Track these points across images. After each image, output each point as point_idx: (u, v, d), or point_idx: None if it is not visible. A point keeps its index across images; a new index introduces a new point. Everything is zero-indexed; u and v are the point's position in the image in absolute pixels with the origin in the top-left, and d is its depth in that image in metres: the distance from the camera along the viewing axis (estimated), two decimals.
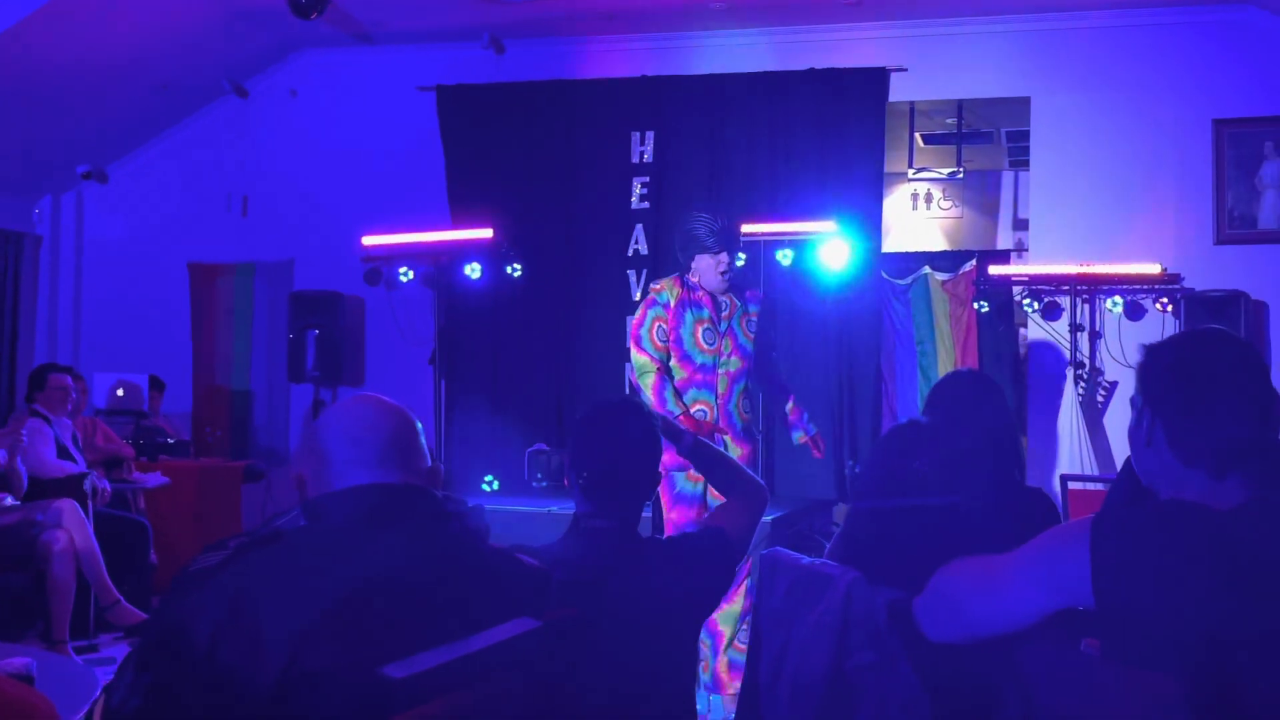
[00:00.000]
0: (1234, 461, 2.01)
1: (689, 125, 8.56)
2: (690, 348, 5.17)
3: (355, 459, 2.00)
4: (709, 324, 5.18)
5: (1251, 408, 2.02)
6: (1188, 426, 2.02)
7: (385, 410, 2.08)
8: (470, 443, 8.71)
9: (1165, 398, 2.06)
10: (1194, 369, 2.05)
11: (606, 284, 8.66)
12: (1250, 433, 2.01)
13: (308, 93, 9.38)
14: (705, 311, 5.19)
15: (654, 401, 5.06)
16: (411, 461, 2.05)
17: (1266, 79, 7.78)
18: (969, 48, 8.25)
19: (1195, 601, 1.92)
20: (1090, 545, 1.97)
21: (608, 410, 2.69)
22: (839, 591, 2.32)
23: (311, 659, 1.74)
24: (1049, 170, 8.20)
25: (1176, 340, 2.14)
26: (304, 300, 8.86)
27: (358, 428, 2.03)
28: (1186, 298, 7.60)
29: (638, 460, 2.63)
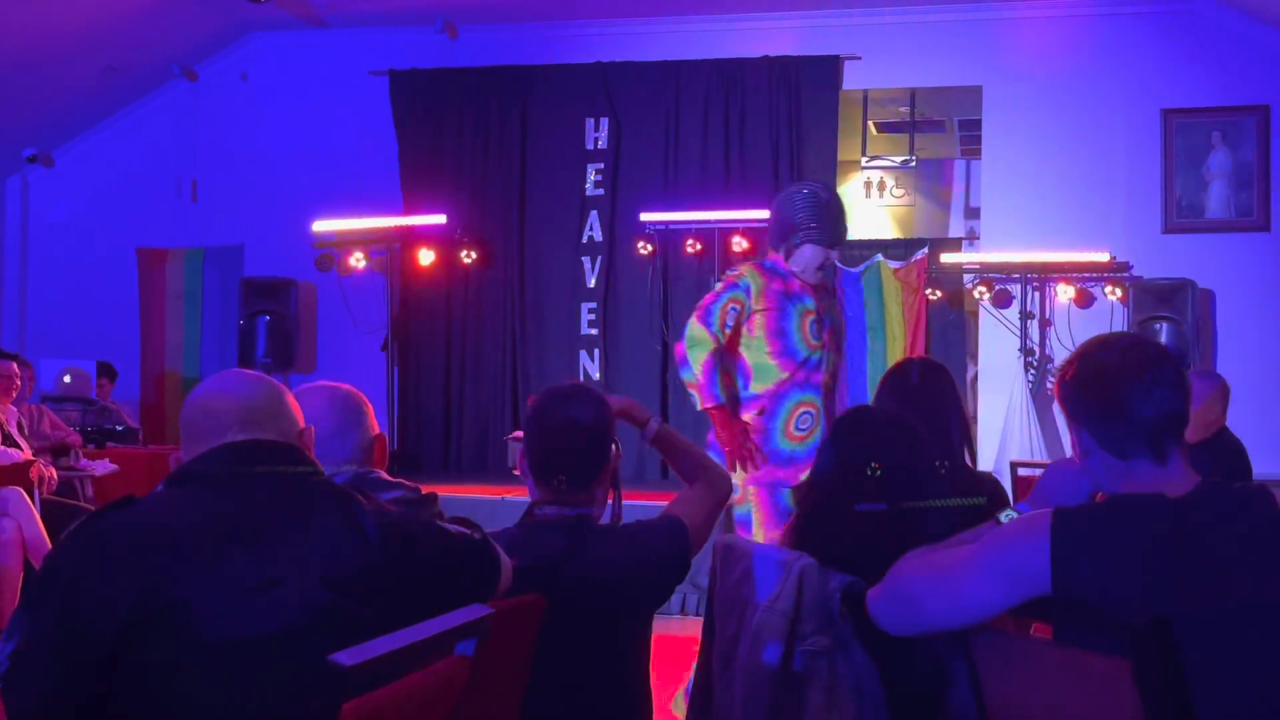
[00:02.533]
0: (1168, 443, 2.05)
1: (644, 112, 8.55)
2: (798, 343, 4.53)
3: (217, 425, 1.99)
4: (815, 316, 4.55)
5: (1159, 387, 2.07)
6: (1110, 424, 2.07)
7: (242, 380, 2.09)
8: (424, 429, 8.67)
9: (1082, 406, 2.12)
10: (1095, 373, 2.11)
11: (561, 270, 8.64)
12: (1168, 409, 2.06)
13: (259, 76, 9.28)
14: (810, 302, 4.55)
15: (701, 380, 4.53)
16: (278, 424, 2.04)
17: (1215, 70, 7.87)
18: (922, 37, 8.29)
19: (1149, 586, 1.94)
20: (1050, 537, 2.00)
21: (558, 396, 2.67)
22: (792, 576, 2.33)
23: (159, 594, 1.75)
24: (1000, 159, 8.26)
25: (1074, 356, 2.20)
26: (255, 286, 8.78)
27: (214, 398, 2.03)
28: (1135, 286, 7.68)
29: (588, 447, 2.62)
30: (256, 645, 1.77)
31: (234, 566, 1.80)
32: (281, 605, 1.80)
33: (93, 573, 1.77)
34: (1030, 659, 2.08)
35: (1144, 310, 7.52)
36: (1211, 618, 1.93)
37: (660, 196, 8.24)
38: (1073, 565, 1.98)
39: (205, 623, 1.75)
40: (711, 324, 4.47)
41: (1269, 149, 7.80)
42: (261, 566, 1.82)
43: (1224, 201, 7.89)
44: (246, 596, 1.78)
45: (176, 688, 1.75)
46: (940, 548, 2.21)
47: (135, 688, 1.74)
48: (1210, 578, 1.94)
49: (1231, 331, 7.82)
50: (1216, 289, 7.83)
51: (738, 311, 4.53)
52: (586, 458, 2.61)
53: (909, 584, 2.17)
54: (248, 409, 2.02)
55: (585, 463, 2.61)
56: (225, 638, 1.76)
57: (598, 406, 2.64)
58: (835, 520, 2.46)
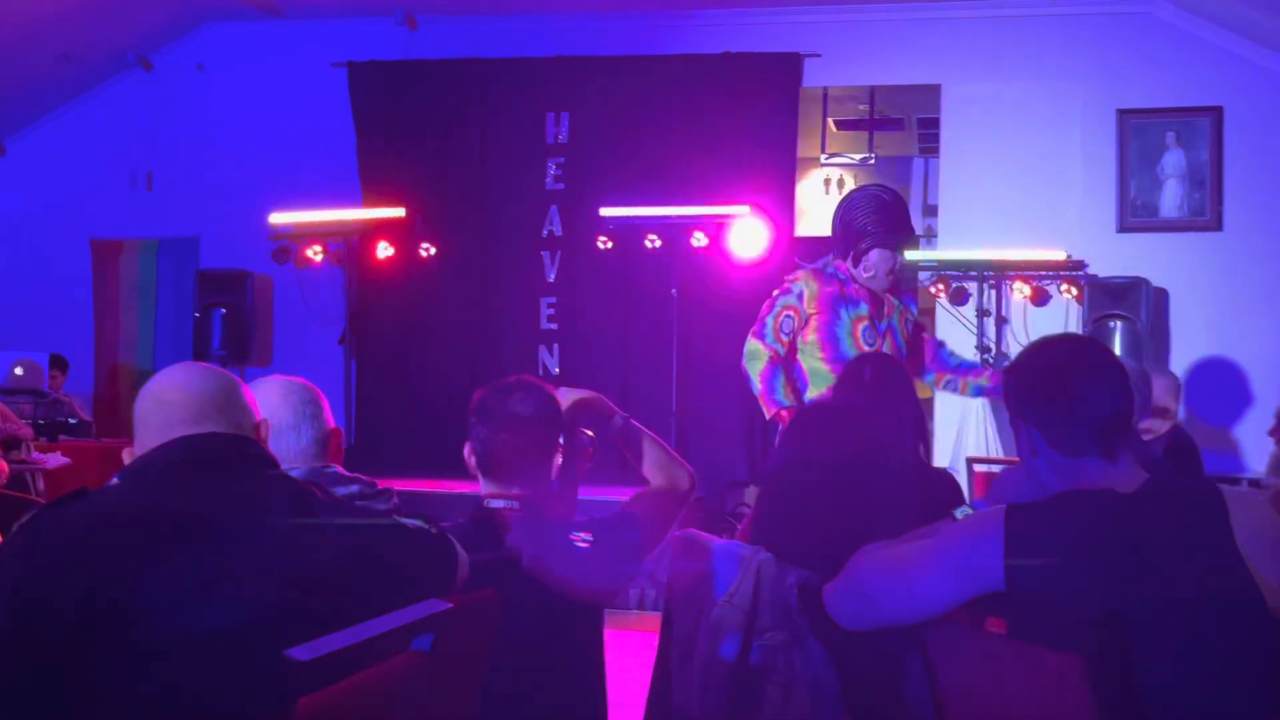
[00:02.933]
0: (1115, 440, 2.08)
1: (604, 106, 8.54)
2: (848, 348, 4.55)
3: (171, 418, 1.98)
4: (868, 322, 4.58)
5: (1104, 385, 2.10)
6: (1057, 423, 2.10)
7: (200, 372, 2.07)
8: (381, 424, 8.63)
9: (1029, 405, 2.14)
10: (1041, 372, 2.14)
11: (521, 265, 8.62)
12: (1113, 407, 2.09)
13: (215, 67, 9.20)
14: (864, 308, 4.59)
15: (761, 390, 4.60)
16: (231, 416, 2.02)
17: (1170, 71, 7.96)
18: (881, 34, 8.33)
19: (1100, 581, 1.97)
20: (1004, 533, 2.02)
21: (500, 390, 2.66)
22: (750, 572, 2.33)
23: (110, 588, 1.73)
24: (958, 157, 8.32)
25: (1021, 357, 2.23)
26: (210, 278, 8.71)
27: (168, 392, 2.02)
28: (1090, 284, 7.75)
29: (530, 439, 2.61)
30: (208, 641, 1.75)
31: (186, 561, 1.78)
32: (234, 601, 1.78)
33: (43, 567, 1.75)
34: (984, 654, 2.10)
35: (1098, 308, 7.59)
36: (1161, 612, 1.95)
37: (621, 192, 8.23)
38: (1025, 561, 2.00)
39: (156, 618, 1.73)
40: (765, 335, 4.51)
41: (1221, 150, 7.89)
42: (214, 562, 1.80)
43: (1177, 201, 7.98)
44: (198, 592, 1.76)
45: (127, 684, 1.73)
46: (896, 543, 2.23)
47: (86, 683, 1.72)
48: (1160, 573, 1.96)
49: (1184, 330, 7.92)
50: (1170, 288, 7.91)
51: (793, 319, 4.55)
52: (530, 451, 2.60)
53: (865, 579, 2.19)
54: (202, 402, 2.00)
55: (529, 456, 2.60)
56: (176, 633, 1.74)
57: (541, 399, 2.63)
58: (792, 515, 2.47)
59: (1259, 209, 7.84)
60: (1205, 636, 1.95)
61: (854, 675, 2.26)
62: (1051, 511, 2.05)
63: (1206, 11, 7.83)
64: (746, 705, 2.30)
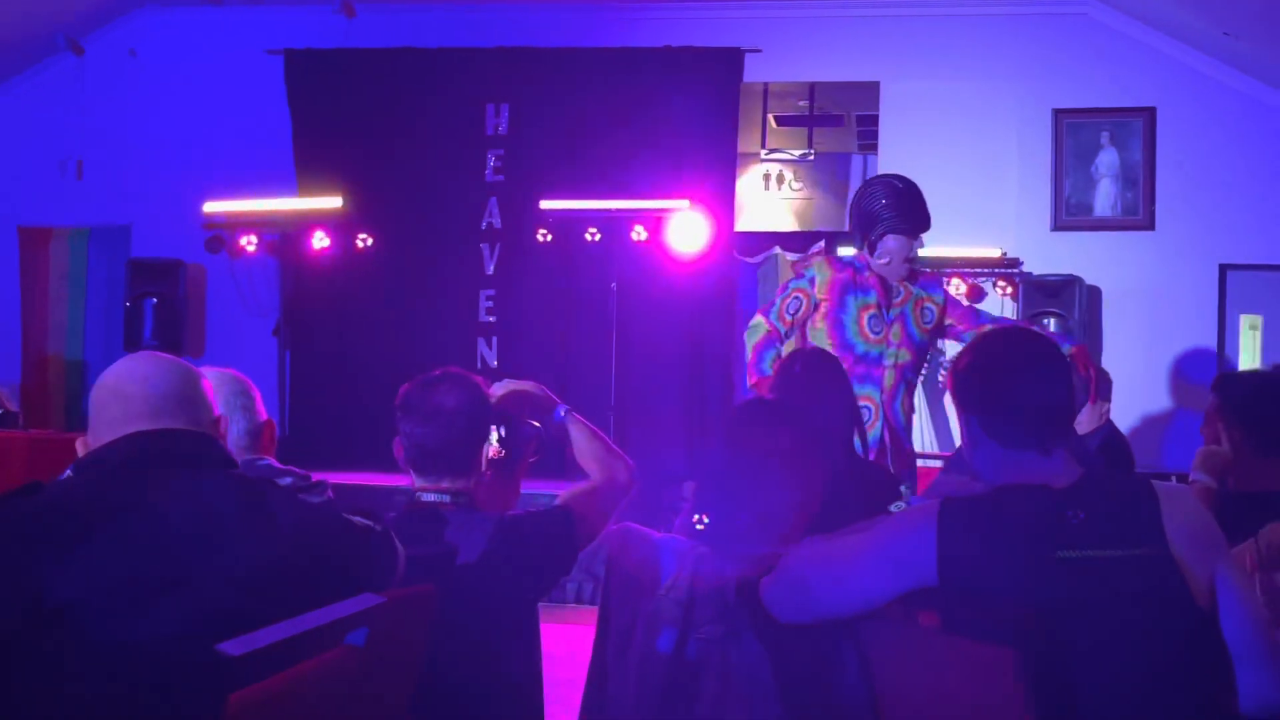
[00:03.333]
0: (1051, 433, 2.10)
1: (544, 99, 8.51)
2: (853, 336, 4.53)
3: (128, 412, 1.94)
4: (876, 310, 4.54)
5: (1045, 379, 2.13)
6: (996, 413, 2.12)
7: (159, 364, 2.03)
8: (316, 416, 8.55)
9: (971, 397, 2.17)
10: (984, 364, 2.16)
11: (459, 257, 8.57)
12: (1052, 399, 2.11)
13: (148, 52, 9.04)
14: (873, 296, 4.55)
15: (750, 359, 4.60)
16: (190, 412, 1.99)
17: (1104, 70, 8.06)
18: (822, 31, 8.37)
19: (1031, 575, 1.98)
20: (937, 528, 2.03)
21: (425, 383, 2.64)
22: (687, 566, 2.33)
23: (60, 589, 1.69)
24: (896, 155, 8.36)
25: (966, 350, 2.25)
26: (142, 267, 8.57)
27: (127, 383, 1.97)
28: (1025, 281, 7.84)
29: (456, 432, 2.59)
30: (157, 646, 1.71)
31: (139, 565, 1.74)
32: (186, 606, 1.74)
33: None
34: (918, 647, 2.12)
35: (1033, 305, 7.68)
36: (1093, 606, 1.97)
37: (561, 184, 8.21)
38: (958, 555, 2.01)
39: (103, 623, 1.69)
40: (770, 313, 4.55)
41: (1154, 150, 8.02)
42: (168, 566, 1.76)
43: (1111, 200, 8.09)
44: (150, 596, 1.72)
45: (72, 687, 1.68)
46: (832, 537, 2.24)
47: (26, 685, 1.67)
48: (1091, 567, 1.98)
49: (1116, 327, 8.03)
50: (1103, 285, 8.03)
51: (801, 302, 4.57)
52: (456, 444, 2.58)
53: (801, 572, 2.19)
54: (161, 396, 1.96)
55: (455, 448, 2.58)
56: (127, 637, 1.69)
57: (466, 391, 2.60)
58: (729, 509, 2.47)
59: (1190, 208, 7.97)
60: (1135, 631, 1.98)
61: (790, 668, 2.26)
62: (984, 506, 2.07)
63: (1141, 14, 7.94)
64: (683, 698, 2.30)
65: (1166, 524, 2.03)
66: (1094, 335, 7.95)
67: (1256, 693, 2.05)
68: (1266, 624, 2.13)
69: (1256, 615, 2.09)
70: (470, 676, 2.45)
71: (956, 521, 2.04)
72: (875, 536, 2.14)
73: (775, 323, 4.58)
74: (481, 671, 2.47)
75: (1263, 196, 7.89)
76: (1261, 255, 7.93)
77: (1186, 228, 7.98)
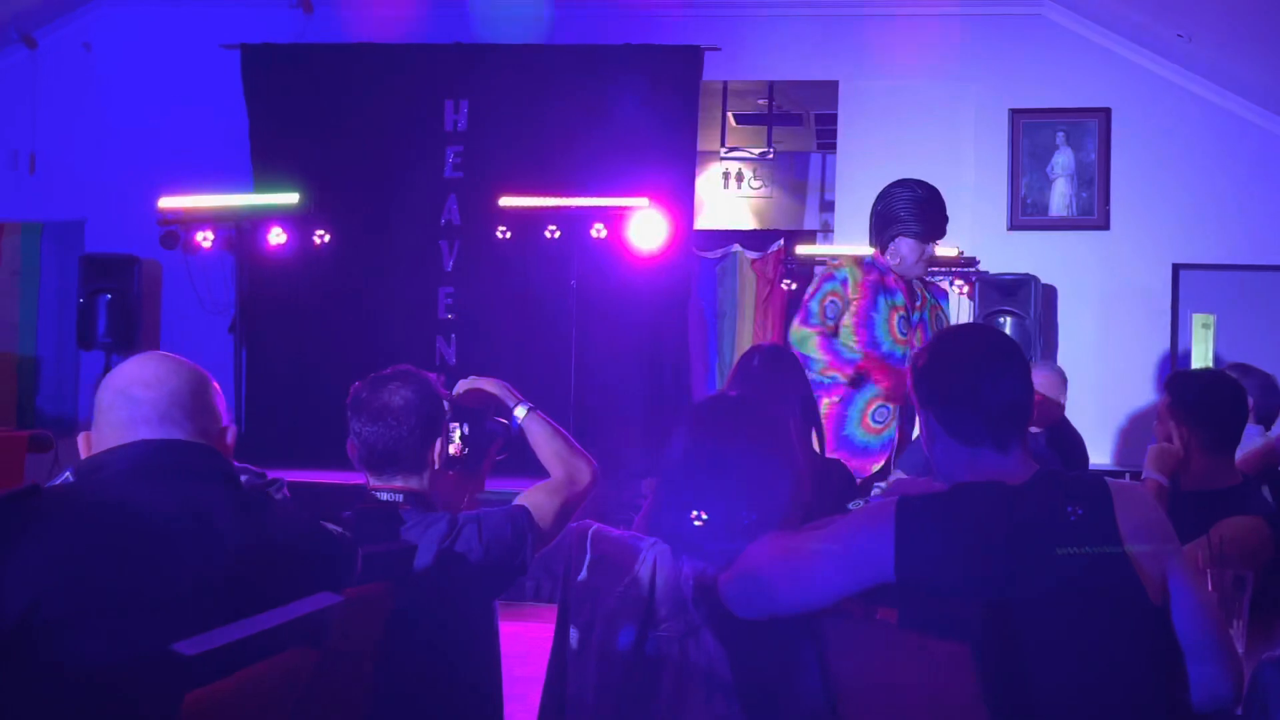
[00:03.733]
0: (1009, 431, 2.12)
1: (504, 95, 8.48)
2: (883, 335, 4.56)
3: (135, 417, 1.91)
4: (903, 313, 4.58)
5: (1005, 377, 2.14)
6: (955, 409, 2.14)
7: (171, 368, 1.99)
8: (272, 413, 8.49)
9: (929, 394, 2.18)
10: (945, 360, 2.18)
11: (418, 253, 8.53)
12: (1011, 397, 2.13)
13: (103, 46, 8.95)
14: (900, 298, 4.60)
15: (827, 360, 4.50)
16: (198, 420, 1.95)
17: (1061, 71, 8.14)
18: (781, 30, 8.39)
19: (986, 571, 2.00)
20: (894, 525, 2.04)
21: (374, 382, 2.64)
22: (646, 563, 2.33)
23: (56, 604, 1.66)
24: (855, 154, 8.41)
25: (926, 346, 2.27)
26: (96, 263, 8.47)
27: (138, 385, 1.94)
28: (981, 280, 7.90)
29: (405, 430, 2.58)
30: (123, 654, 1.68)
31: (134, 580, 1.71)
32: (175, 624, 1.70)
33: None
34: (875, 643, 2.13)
35: (989, 304, 7.74)
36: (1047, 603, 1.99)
37: (520, 181, 8.18)
38: (914, 552, 2.03)
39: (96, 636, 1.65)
40: (811, 319, 4.52)
41: (1109, 150, 8.10)
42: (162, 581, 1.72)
43: (1066, 200, 8.17)
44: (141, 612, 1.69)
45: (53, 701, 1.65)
46: (791, 534, 2.25)
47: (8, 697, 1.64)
48: (1046, 564, 2.00)
49: (1072, 326, 8.11)
50: (1059, 284, 8.10)
51: (838, 304, 4.59)
52: (405, 441, 2.57)
53: (759, 568, 2.20)
54: (172, 403, 1.92)
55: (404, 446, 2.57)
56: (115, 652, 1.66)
57: (416, 389, 2.59)
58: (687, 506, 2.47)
59: (1144, 208, 8.06)
60: (1089, 626, 2.00)
61: (748, 665, 2.27)
62: (941, 504, 2.09)
63: (1096, 15, 8.02)
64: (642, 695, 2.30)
65: (1120, 521, 2.05)
66: (1050, 334, 8.02)
67: (1208, 687, 2.08)
68: (1218, 620, 2.15)
69: (1208, 611, 2.12)
70: (428, 675, 2.45)
71: (913, 519, 2.05)
72: (833, 534, 2.15)
73: (819, 325, 4.58)
74: (439, 670, 2.47)
75: (1216, 197, 7.99)
76: (1214, 255, 8.03)
77: (1141, 228, 8.07)
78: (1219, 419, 3.16)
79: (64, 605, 1.66)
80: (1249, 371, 4.91)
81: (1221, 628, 2.15)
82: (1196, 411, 3.15)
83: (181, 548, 1.78)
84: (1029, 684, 1.97)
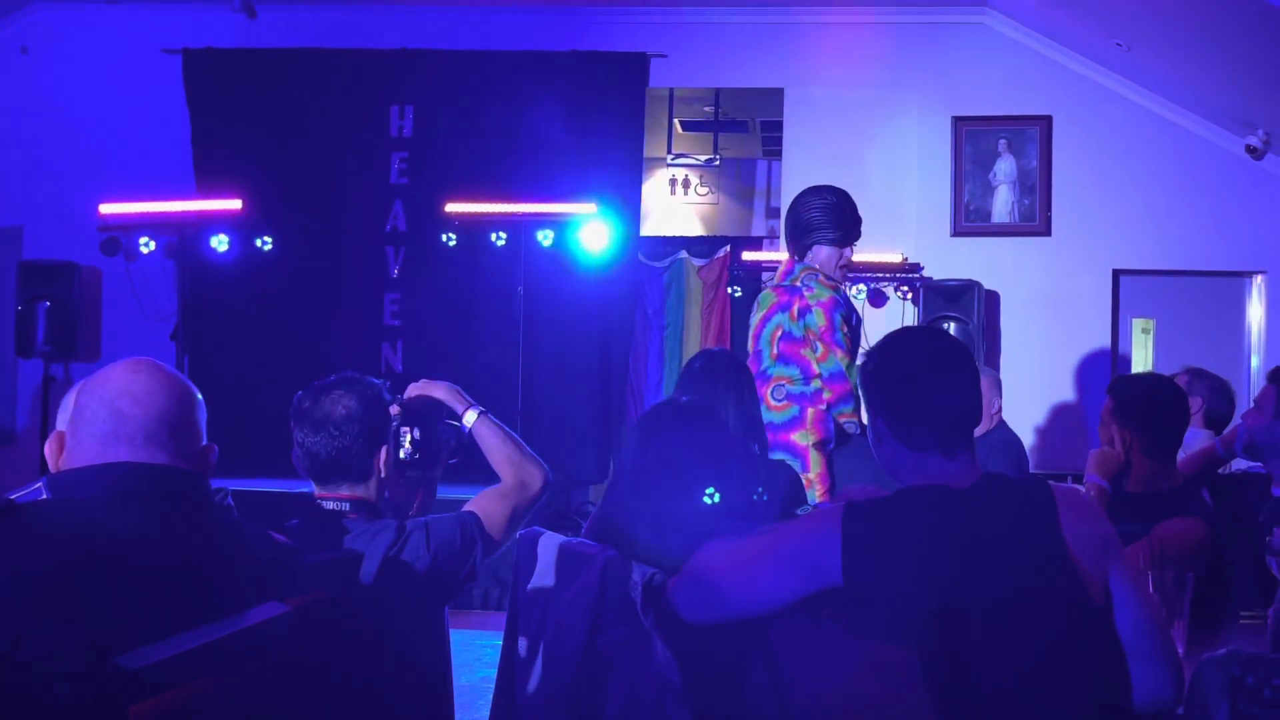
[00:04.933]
0: (957, 436, 2.13)
1: (450, 101, 8.46)
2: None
3: (116, 433, 1.86)
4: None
5: (953, 383, 2.16)
6: (903, 414, 2.15)
7: (161, 382, 1.94)
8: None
9: (878, 396, 2.19)
10: (895, 364, 2.20)
11: (364, 260, 8.49)
12: (959, 402, 2.14)
13: (40, 50, 8.82)
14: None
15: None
16: (182, 442, 1.92)
17: (1003, 79, 8.23)
18: (727, 37, 8.43)
19: (932, 575, 2.02)
20: (841, 529, 2.05)
21: (317, 391, 2.62)
22: (595, 570, 2.33)
23: (37, 641, 1.62)
24: (800, 160, 8.45)
25: (878, 345, 2.28)
26: (34, 270, 8.34)
27: (125, 398, 1.89)
28: (925, 286, 7.96)
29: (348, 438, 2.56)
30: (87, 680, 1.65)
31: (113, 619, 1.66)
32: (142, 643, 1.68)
33: None
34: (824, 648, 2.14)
35: (932, 310, 7.80)
36: (992, 606, 2.01)
37: (466, 187, 8.16)
38: (862, 557, 2.04)
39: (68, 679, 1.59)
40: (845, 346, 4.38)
41: (1050, 158, 8.20)
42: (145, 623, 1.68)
43: (1008, 207, 8.26)
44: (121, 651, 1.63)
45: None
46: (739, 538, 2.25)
47: None
48: (991, 568, 2.02)
49: (1014, 331, 8.20)
50: (1001, 290, 8.19)
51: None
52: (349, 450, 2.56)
53: (708, 573, 2.21)
54: (159, 424, 1.88)
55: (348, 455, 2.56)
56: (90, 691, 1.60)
57: (358, 397, 2.58)
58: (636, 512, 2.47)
59: (1085, 215, 8.17)
60: (1034, 629, 2.02)
61: (698, 670, 2.27)
62: (887, 508, 2.10)
63: (1036, 24, 8.12)
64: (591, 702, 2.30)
65: (1063, 524, 2.07)
66: (993, 339, 8.10)
67: (1150, 687, 2.11)
68: (1160, 621, 2.18)
69: (1150, 612, 2.15)
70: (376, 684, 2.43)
71: (860, 524, 2.06)
72: (781, 538, 2.16)
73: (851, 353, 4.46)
74: (388, 679, 2.45)
75: (1155, 203, 8.11)
76: (1153, 260, 8.15)
77: (1081, 234, 8.17)
78: (1160, 423, 3.20)
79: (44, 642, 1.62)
80: (1202, 375, 4.97)
81: (1163, 629, 2.18)
82: (1138, 415, 3.19)
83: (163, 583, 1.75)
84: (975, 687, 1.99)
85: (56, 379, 8.34)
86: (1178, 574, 2.47)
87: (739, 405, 3.39)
